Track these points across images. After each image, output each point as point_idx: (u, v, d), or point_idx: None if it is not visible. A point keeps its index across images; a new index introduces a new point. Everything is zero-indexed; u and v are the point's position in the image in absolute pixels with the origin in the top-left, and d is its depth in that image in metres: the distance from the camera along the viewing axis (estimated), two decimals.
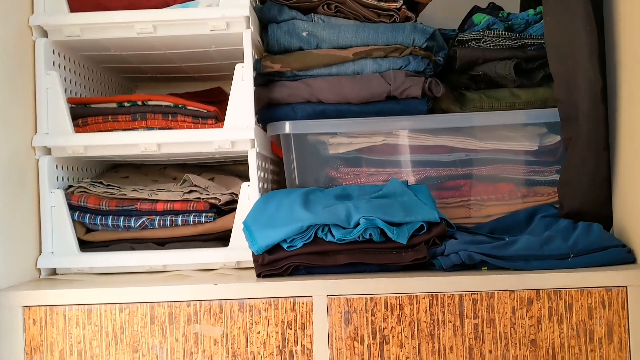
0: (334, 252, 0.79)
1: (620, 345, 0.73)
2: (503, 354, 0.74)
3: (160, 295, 0.76)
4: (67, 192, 0.90)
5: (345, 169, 1.00)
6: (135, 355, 0.76)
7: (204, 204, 0.89)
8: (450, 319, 0.75)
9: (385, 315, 0.75)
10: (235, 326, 0.76)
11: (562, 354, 0.74)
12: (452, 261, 0.78)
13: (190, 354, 0.76)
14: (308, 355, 0.75)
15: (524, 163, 0.98)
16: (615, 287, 0.74)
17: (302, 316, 0.75)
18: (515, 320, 0.74)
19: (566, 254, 0.77)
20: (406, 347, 0.75)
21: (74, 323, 0.76)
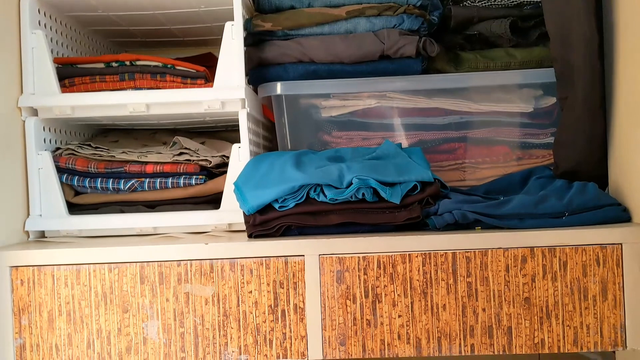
0: (326, 212, 0.78)
1: (614, 303, 0.73)
2: (496, 311, 0.74)
3: (150, 255, 0.75)
4: (54, 154, 0.89)
5: (338, 132, 0.99)
6: (125, 316, 0.75)
7: (194, 166, 0.88)
8: (444, 277, 0.74)
9: (377, 274, 0.74)
10: (227, 286, 0.75)
11: (556, 312, 0.73)
12: (446, 220, 0.77)
13: (181, 314, 0.75)
14: (300, 314, 0.74)
15: (519, 126, 0.96)
16: (610, 245, 0.73)
17: (294, 275, 0.75)
18: (509, 278, 0.74)
19: (561, 212, 0.76)
20: (399, 306, 0.74)
21: (62, 283, 0.75)
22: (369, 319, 0.74)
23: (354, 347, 0.74)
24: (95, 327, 0.75)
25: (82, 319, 0.75)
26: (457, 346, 0.74)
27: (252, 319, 0.75)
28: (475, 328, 0.74)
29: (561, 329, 0.73)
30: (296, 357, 0.75)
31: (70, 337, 0.75)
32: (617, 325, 0.73)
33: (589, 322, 0.73)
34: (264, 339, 0.75)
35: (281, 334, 0.75)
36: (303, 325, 0.74)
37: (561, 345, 0.73)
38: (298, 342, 0.75)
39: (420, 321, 0.74)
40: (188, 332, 0.75)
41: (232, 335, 0.75)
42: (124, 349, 0.75)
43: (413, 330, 0.74)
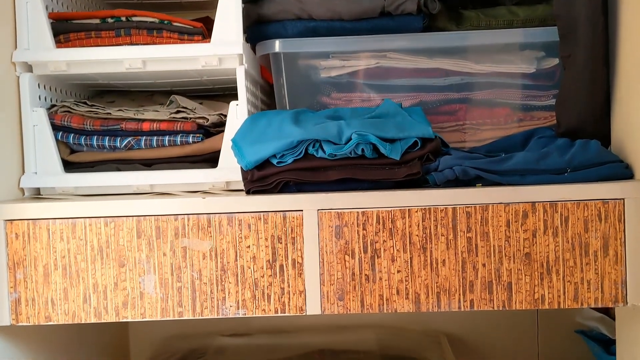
0: (325, 168, 0.77)
1: (615, 259, 0.72)
2: (496, 267, 0.73)
3: (146, 209, 0.74)
4: (49, 111, 0.87)
5: (338, 94, 0.97)
6: (121, 270, 0.74)
7: (191, 124, 0.86)
8: (443, 232, 0.73)
9: (376, 229, 0.73)
10: (225, 240, 0.74)
11: (557, 267, 0.73)
12: (446, 177, 0.76)
13: (178, 268, 0.74)
14: (299, 269, 0.74)
15: (520, 87, 0.95)
16: (613, 200, 0.72)
17: (293, 230, 0.74)
18: (509, 233, 0.73)
19: (563, 168, 0.75)
20: (398, 261, 0.73)
21: (57, 237, 0.74)
22: (367, 274, 0.74)
23: (352, 302, 0.74)
24: (91, 281, 0.74)
25: (78, 273, 0.74)
26: (456, 302, 0.73)
27: (250, 273, 0.74)
28: (475, 284, 0.73)
29: (562, 284, 0.73)
30: (294, 312, 0.74)
31: (66, 292, 0.74)
32: (617, 281, 0.72)
33: (589, 277, 0.72)
34: (262, 294, 0.74)
35: (279, 289, 0.74)
36: (301, 280, 0.74)
37: (561, 301, 0.73)
38: (296, 297, 0.74)
39: (420, 276, 0.73)
40: (185, 286, 0.74)
41: (230, 290, 0.74)
42: (121, 303, 0.74)
43: (412, 285, 0.73)
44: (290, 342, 1.14)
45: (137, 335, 1.25)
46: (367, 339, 1.13)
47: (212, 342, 1.14)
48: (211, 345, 1.12)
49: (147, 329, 1.24)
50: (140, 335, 1.24)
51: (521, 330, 1.25)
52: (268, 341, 1.15)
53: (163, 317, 0.74)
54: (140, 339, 1.24)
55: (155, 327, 1.24)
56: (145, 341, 1.23)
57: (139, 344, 1.24)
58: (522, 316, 1.25)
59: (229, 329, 1.23)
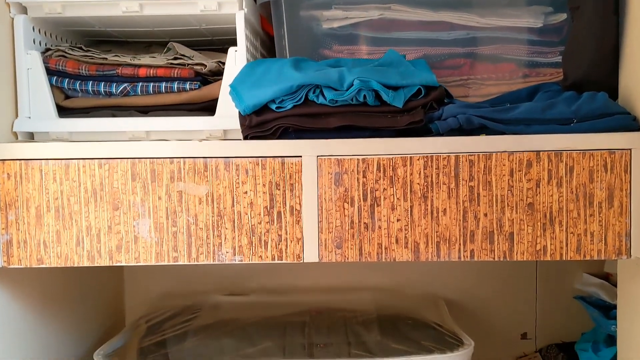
0: (325, 114, 0.75)
1: (620, 210, 0.71)
2: (498, 217, 0.71)
3: (141, 151, 0.72)
4: (44, 55, 0.85)
5: (340, 47, 0.95)
6: (115, 213, 0.72)
7: (189, 71, 0.84)
8: (445, 181, 0.72)
9: (377, 177, 0.72)
10: (221, 185, 0.72)
11: (560, 218, 0.71)
12: (450, 125, 0.74)
13: (173, 213, 0.72)
14: (297, 216, 0.72)
15: (526, 43, 0.93)
16: (619, 150, 0.71)
17: (291, 177, 0.72)
18: (512, 182, 0.71)
19: (569, 119, 0.74)
20: (398, 210, 0.72)
21: (50, 178, 0.72)
22: (366, 223, 0.72)
23: (350, 251, 0.72)
24: (84, 224, 0.72)
25: (71, 215, 0.72)
26: (456, 251, 0.72)
27: (247, 220, 0.72)
28: (476, 233, 0.72)
29: (564, 235, 0.71)
30: (292, 259, 0.73)
31: (58, 234, 0.73)
32: (622, 233, 0.71)
33: (593, 229, 0.71)
34: (259, 241, 0.73)
35: (277, 236, 0.72)
36: (299, 228, 0.72)
37: (564, 252, 0.71)
38: (294, 244, 0.73)
39: (419, 225, 0.72)
40: (181, 231, 0.73)
41: (226, 236, 0.72)
42: (114, 247, 0.73)
43: (412, 234, 0.72)
44: (287, 301, 1.13)
45: (133, 294, 1.24)
46: (364, 300, 1.12)
47: (207, 300, 1.13)
48: (206, 302, 1.11)
49: (143, 288, 1.23)
50: (136, 294, 1.23)
51: (519, 296, 1.24)
52: (264, 300, 1.14)
53: (158, 262, 0.73)
54: (136, 297, 1.23)
55: (151, 286, 1.23)
56: (141, 300, 1.22)
57: (134, 302, 1.23)
58: (520, 282, 1.24)
59: (226, 289, 1.22)
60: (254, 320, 1.02)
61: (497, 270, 1.23)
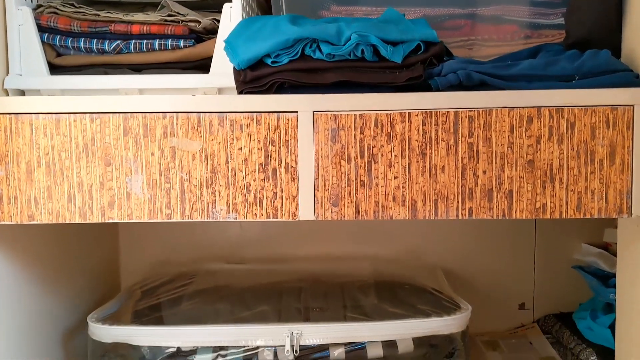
0: (322, 69, 0.73)
1: (622, 167, 0.69)
2: (498, 174, 0.70)
3: (133, 105, 0.70)
4: (35, 12, 0.83)
5: (338, 7, 0.93)
6: (107, 169, 0.71)
7: (183, 28, 0.83)
8: (444, 137, 0.70)
9: (374, 133, 0.70)
10: (215, 141, 0.71)
11: (560, 176, 0.70)
12: (450, 81, 0.72)
13: (167, 169, 0.71)
14: (292, 173, 0.71)
15: (528, 4, 0.91)
16: (622, 106, 0.69)
17: (287, 133, 0.71)
18: (512, 139, 0.70)
19: (571, 75, 0.72)
20: (395, 167, 0.70)
21: (41, 133, 0.71)
22: (363, 180, 0.71)
23: (346, 209, 0.71)
24: (76, 180, 0.71)
25: (62, 171, 0.71)
26: (454, 209, 0.71)
27: (242, 177, 0.71)
28: (475, 191, 0.70)
29: (564, 193, 0.70)
30: (287, 217, 0.71)
31: (50, 190, 0.71)
32: (623, 191, 0.70)
33: (594, 187, 0.70)
34: (254, 198, 0.71)
35: (272, 194, 0.71)
36: (295, 185, 0.71)
37: (564, 210, 0.70)
38: (289, 202, 0.71)
39: (417, 183, 0.71)
40: (174, 188, 0.71)
41: (220, 193, 0.71)
42: (107, 203, 0.71)
43: (409, 192, 0.71)
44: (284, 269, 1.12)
45: (128, 263, 1.23)
46: (361, 269, 1.12)
47: (203, 268, 1.12)
48: (202, 269, 1.11)
49: (138, 258, 1.22)
50: (131, 264, 1.23)
51: (517, 267, 1.23)
52: (261, 268, 1.13)
53: (151, 219, 0.71)
54: (131, 266, 1.22)
55: (146, 255, 1.22)
56: (136, 269, 1.21)
57: (129, 272, 1.22)
58: (518, 253, 1.23)
59: (221, 258, 1.21)
60: (250, 286, 1.01)
61: (495, 241, 1.23)
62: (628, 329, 0.78)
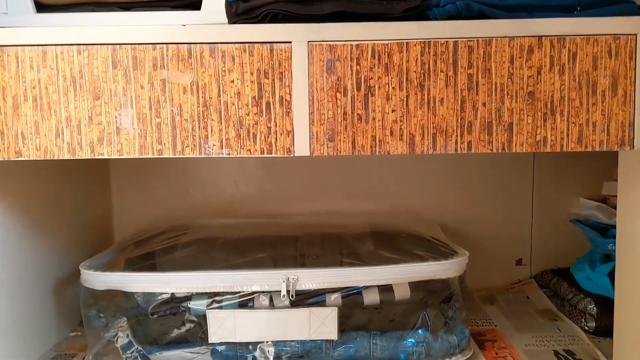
0: (317, 0, 0.71)
1: (624, 99, 0.68)
2: (497, 106, 0.68)
3: (122, 36, 0.68)
4: None
5: None
6: (96, 103, 0.69)
7: None
8: (443, 68, 0.68)
9: (371, 64, 0.68)
10: (206, 74, 0.69)
11: (562, 107, 0.68)
12: (448, 12, 0.70)
13: (157, 102, 0.69)
14: (286, 107, 0.69)
15: None
16: (625, 35, 0.67)
17: (280, 64, 0.69)
18: (513, 70, 0.68)
19: (573, 5, 0.70)
20: (393, 99, 0.69)
21: (27, 66, 0.68)
22: (360, 114, 0.69)
23: (343, 144, 0.69)
24: (64, 114, 0.69)
25: (49, 105, 0.69)
26: (453, 143, 0.69)
27: (235, 111, 0.69)
28: (474, 124, 0.69)
29: (565, 125, 0.68)
30: (282, 153, 0.70)
31: (37, 125, 0.69)
32: (625, 123, 0.68)
33: (595, 119, 0.68)
34: (247, 133, 0.69)
35: (266, 128, 0.69)
36: (289, 120, 0.69)
37: (564, 143, 0.69)
38: (284, 137, 0.69)
39: (415, 116, 0.69)
40: (165, 122, 0.69)
41: (212, 128, 0.69)
42: (96, 139, 0.69)
43: (407, 126, 0.69)
44: (279, 222, 1.11)
45: (121, 222, 1.21)
46: (358, 222, 1.10)
47: (197, 222, 1.10)
48: (196, 223, 1.09)
49: (131, 216, 1.21)
50: (124, 222, 1.21)
51: (515, 223, 1.22)
52: (256, 221, 1.12)
53: (141, 155, 0.69)
54: (124, 225, 1.21)
55: (140, 212, 1.21)
56: (129, 227, 1.19)
57: (122, 229, 1.21)
58: (516, 209, 1.22)
59: (216, 216, 1.20)
60: (245, 237, 1.00)
61: (493, 196, 1.21)
62: (629, 267, 0.77)
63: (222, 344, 0.84)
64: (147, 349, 0.85)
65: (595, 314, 0.96)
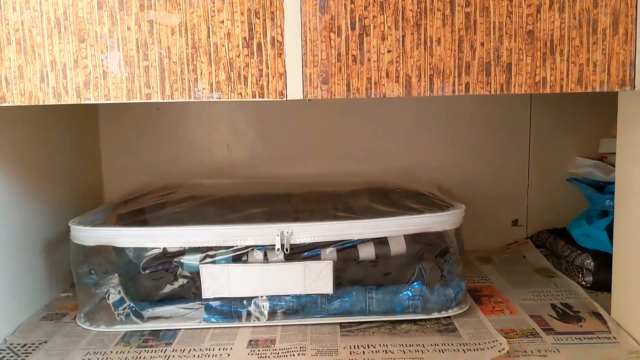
0: None
1: (625, 37, 0.66)
2: (496, 46, 0.67)
3: None
4: None
5: None
6: (81, 46, 0.67)
7: None
8: (440, 7, 0.66)
9: (366, 3, 0.66)
10: (195, 14, 0.66)
11: (561, 47, 0.66)
12: None
13: (144, 45, 0.67)
14: (278, 48, 0.67)
15: None
16: None
17: (272, 3, 0.66)
18: (511, 8, 0.66)
19: None
20: (388, 39, 0.67)
21: (10, 7, 0.66)
22: (354, 55, 0.67)
23: (337, 86, 0.68)
24: (48, 58, 0.67)
25: (33, 48, 0.67)
26: (450, 85, 0.67)
27: (225, 52, 0.67)
28: (472, 65, 0.67)
29: (565, 66, 0.67)
30: (274, 96, 0.68)
31: (21, 69, 0.67)
32: (626, 63, 0.66)
33: (596, 58, 0.67)
34: (238, 76, 0.67)
35: (257, 71, 0.67)
36: (281, 61, 0.67)
37: (564, 84, 0.67)
38: (276, 79, 0.67)
39: (412, 57, 0.67)
40: (153, 65, 0.67)
41: (202, 71, 0.67)
42: (82, 83, 0.67)
43: (403, 67, 0.67)
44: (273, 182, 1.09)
45: (111, 183, 1.20)
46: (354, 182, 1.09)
47: (188, 182, 1.09)
48: (187, 183, 1.07)
49: (122, 176, 1.19)
50: (115, 183, 1.19)
51: (511, 184, 1.21)
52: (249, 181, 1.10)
53: (129, 99, 0.67)
54: (115, 186, 1.19)
55: (130, 175, 1.19)
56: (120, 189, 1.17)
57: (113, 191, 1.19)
58: (512, 169, 1.21)
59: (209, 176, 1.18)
60: (238, 194, 0.98)
61: (489, 157, 1.20)
62: (629, 211, 0.76)
63: (216, 299, 0.83)
64: (139, 305, 0.83)
65: (592, 269, 0.95)
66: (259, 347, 0.77)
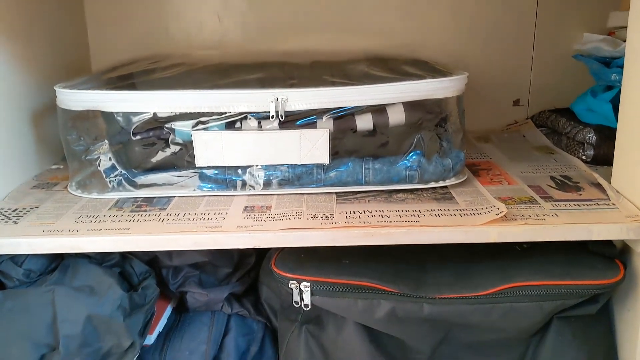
0: None
1: None
2: None
3: None
4: None
5: None
6: None
7: None
8: None
9: None
10: None
11: None
12: None
13: None
14: None
15: None
16: None
17: None
18: None
19: None
20: None
21: None
22: None
23: None
24: None
25: None
26: None
27: None
28: None
29: None
30: None
31: None
32: None
33: None
34: None
35: None
36: None
37: None
38: None
39: None
40: None
41: None
42: None
43: None
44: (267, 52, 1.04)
45: (98, 57, 1.15)
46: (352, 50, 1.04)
47: (178, 52, 1.04)
48: (177, 52, 1.02)
49: (109, 51, 1.14)
50: (101, 57, 1.14)
51: (514, 62, 1.17)
52: (242, 52, 1.05)
53: None
54: (102, 60, 1.14)
55: (118, 47, 1.14)
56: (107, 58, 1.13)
57: (100, 64, 1.14)
58: (516, 46, 1.16)
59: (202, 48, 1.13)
60: (230, 63, 0.94)
61: (494, 35, 1.15)
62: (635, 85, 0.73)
63: (210, 167, 0.81)
64: (131, 173, 0.81)
65: (594, 142, 0.93)
66: (255, 212, 0.76)
